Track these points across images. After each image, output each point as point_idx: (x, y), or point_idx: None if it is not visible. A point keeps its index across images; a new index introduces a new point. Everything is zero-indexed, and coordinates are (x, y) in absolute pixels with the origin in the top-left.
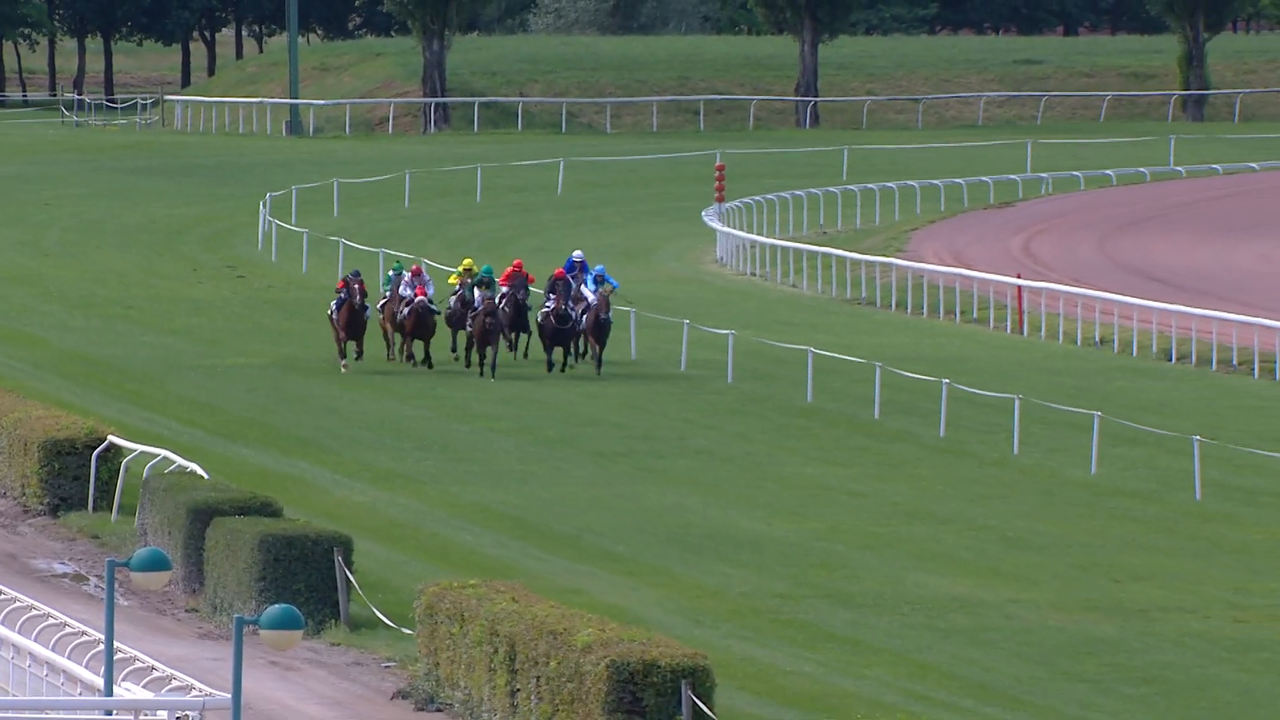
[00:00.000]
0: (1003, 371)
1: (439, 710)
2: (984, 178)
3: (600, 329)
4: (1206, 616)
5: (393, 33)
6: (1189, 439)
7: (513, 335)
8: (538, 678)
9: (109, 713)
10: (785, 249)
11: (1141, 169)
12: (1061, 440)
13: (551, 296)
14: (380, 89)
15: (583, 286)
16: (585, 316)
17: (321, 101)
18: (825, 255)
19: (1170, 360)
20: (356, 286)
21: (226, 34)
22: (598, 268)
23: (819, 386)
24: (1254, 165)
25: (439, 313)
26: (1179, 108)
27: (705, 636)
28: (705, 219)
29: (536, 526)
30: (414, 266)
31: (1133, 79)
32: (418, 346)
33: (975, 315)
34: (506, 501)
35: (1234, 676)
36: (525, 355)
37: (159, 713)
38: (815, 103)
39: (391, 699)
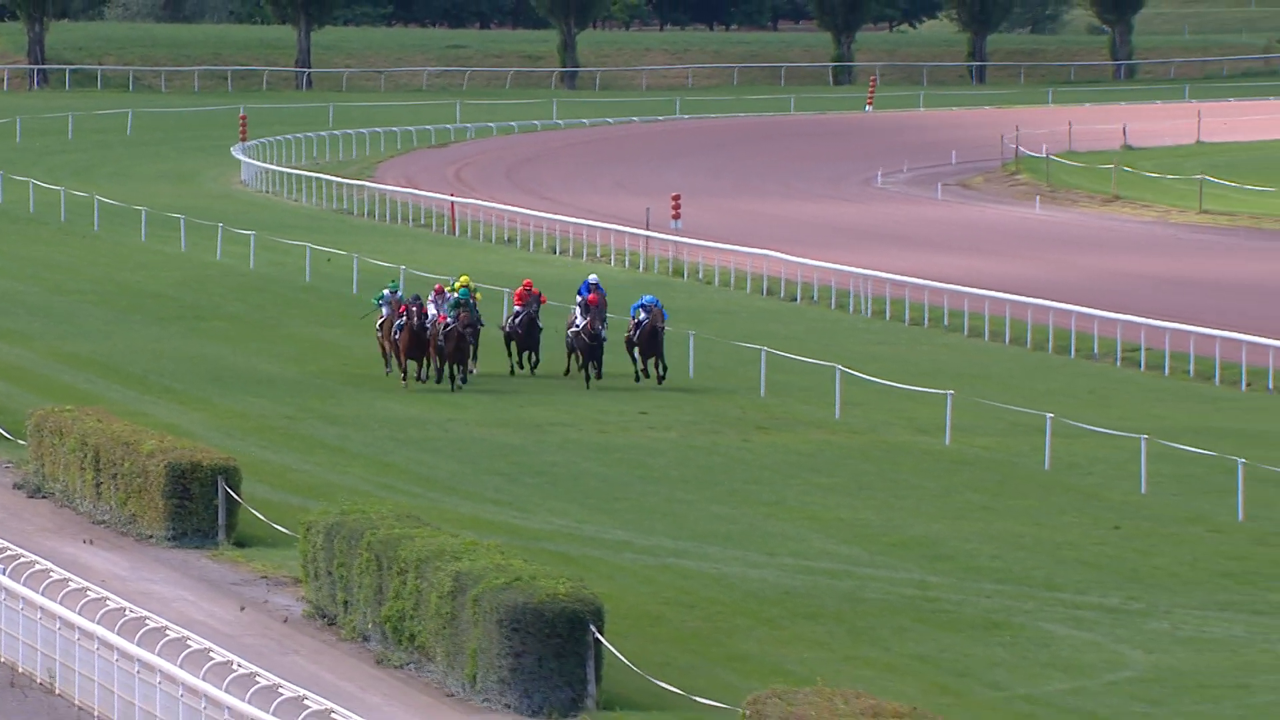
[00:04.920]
0: (439, 259)
1: (44, 497)
2: (427, 126)
3: (654, 343)
4: (580, 429)
5: (5, 19)
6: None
7: (525, 354)
8: (115, 474)
9: None
10: (290, 174)
11: (534, 122)
12: (483, 307)
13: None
14: None
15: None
16: (640, 331)
17: None
18: (318, 179)
19: (555, 252)
20: (416, 310)
21: None
22: (648, 297)
23: (315, 271)
24: (610, 120)
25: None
26: (559, 80)
27: (235, 446)
28: (234, 153)
29: (116, 369)
30: (436, 286)
31: (528, 59)
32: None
33: (423, 222)
34: (95, 351)
35: (599, 470)
36: (533, 371)
37: None
38: (309, 73)
39: (13, 489)
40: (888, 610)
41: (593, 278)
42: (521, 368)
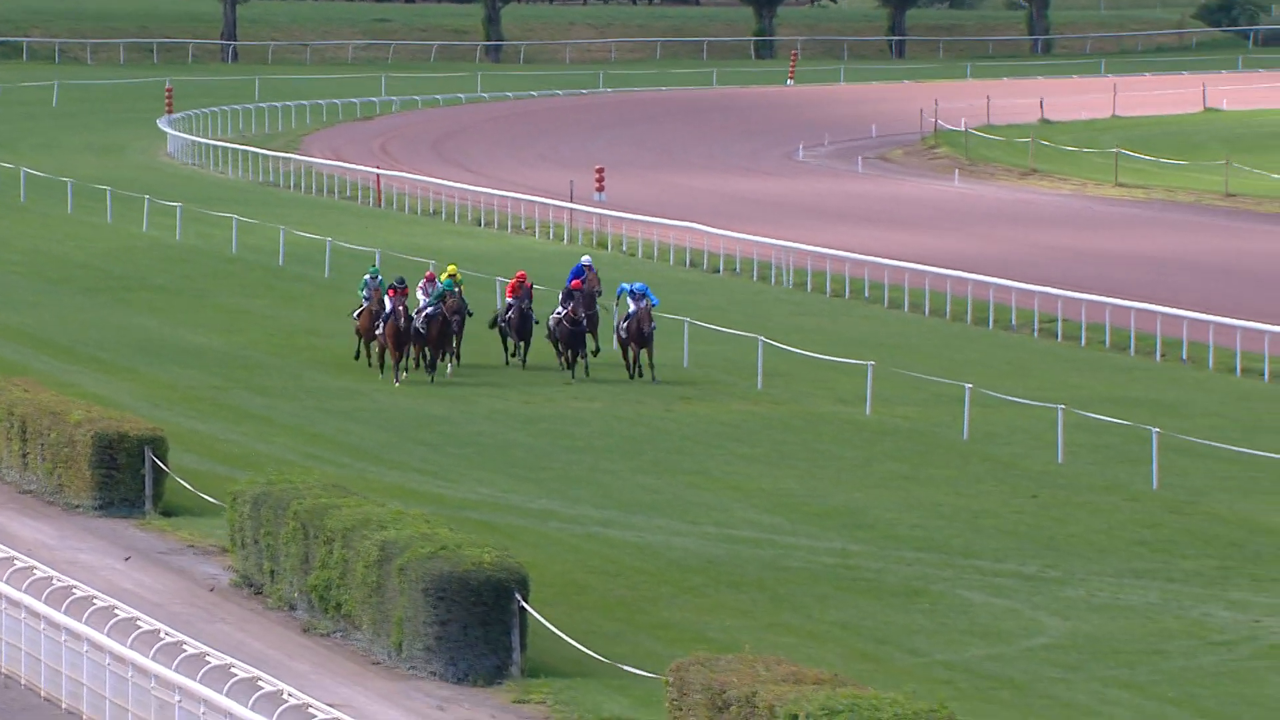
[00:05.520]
0: (365, 232)
1: None
2: (353, 99)
3: (643, 339)
4: (506, 400)
5: None
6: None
7: (519, 344)
8: (42, 444)
9: None
10: (216, 147)
11: (459, 95)
12: (409, 280)
13: (564, 304)
14: None
15: (627, 297)
16: (627, 325)
17: None
18: (244, 152)
19: (480, 225)
20: (402, 310)
21: None
22: (638, 284)
23: (242, 243)
24: (534, 93)
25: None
26: (484, 54)
27: (163, 416)
28: (160, 125)
29: (43, 339)
30: (428, 273)
31: (453, 33)
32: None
33: (349, 194)
34: (22, 322)
35: (524, 439)
36: (524, 364)
37: None
38: (235, 46)
39: None
40: (809, 578)
41: (586, 259)
42: (515, 356)
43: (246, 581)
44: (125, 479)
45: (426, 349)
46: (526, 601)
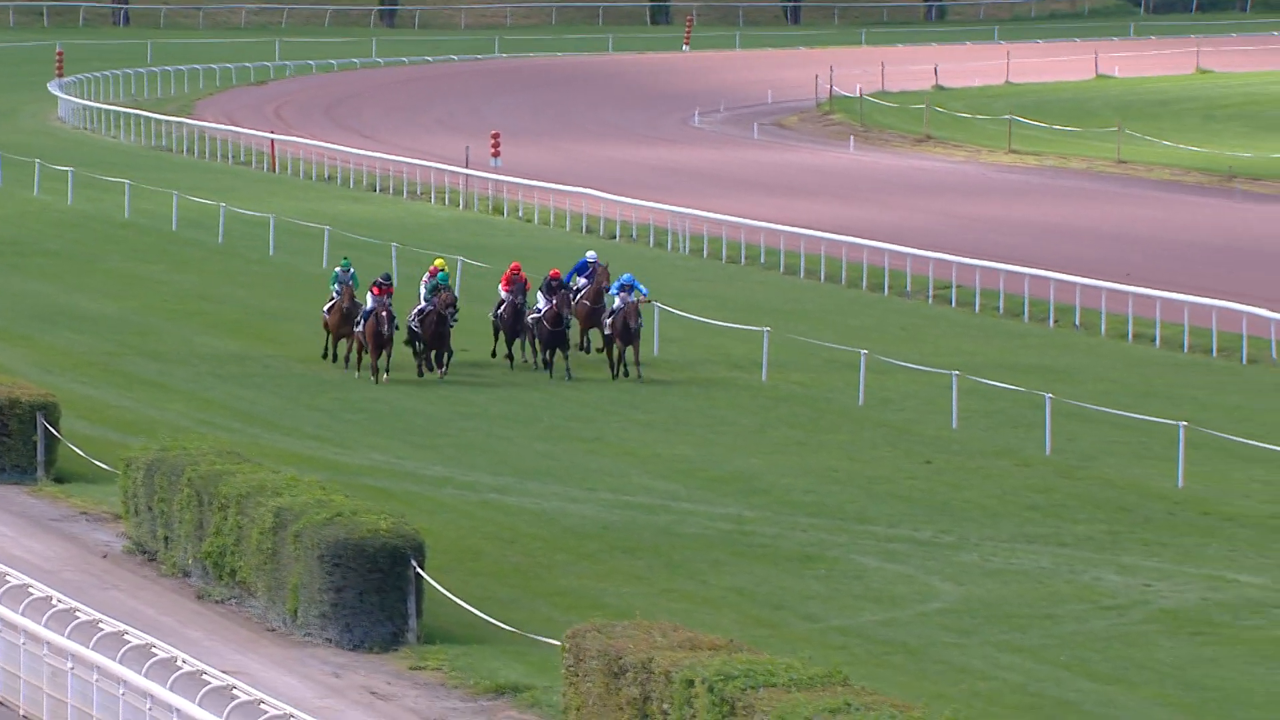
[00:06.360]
0: (259, 196)
1: None
2: (246, 64)
3: (629, 335)
4: (401, 368)
5: None
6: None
7: (510, 342)
8: None
9: None
10: (108, 111)
11: (354, 60)
12: (304, 245)
13: (548, 299)
14: None
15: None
16: (612, 321)
17: None
18: (137, 116)
19: (375, 190)
20: (385, 316)
21: None
22: (625, 276)
23: (135, 208)
24: (429, 58)
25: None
26: (378, 18)
27: (55, 381)
28: (50, 89)
29: None
30: (431, 268)
31: None
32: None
33: (243, 159)
34: None
35: (420, 406)
36: (516, 360)
37: None
38: (127, 9)
39: None
40: (705, 544)
41: (591, 254)
42: (511, 356)
43: (140, 548)
44: (17, 445)
45: (417, 345)
46: (422, 568)
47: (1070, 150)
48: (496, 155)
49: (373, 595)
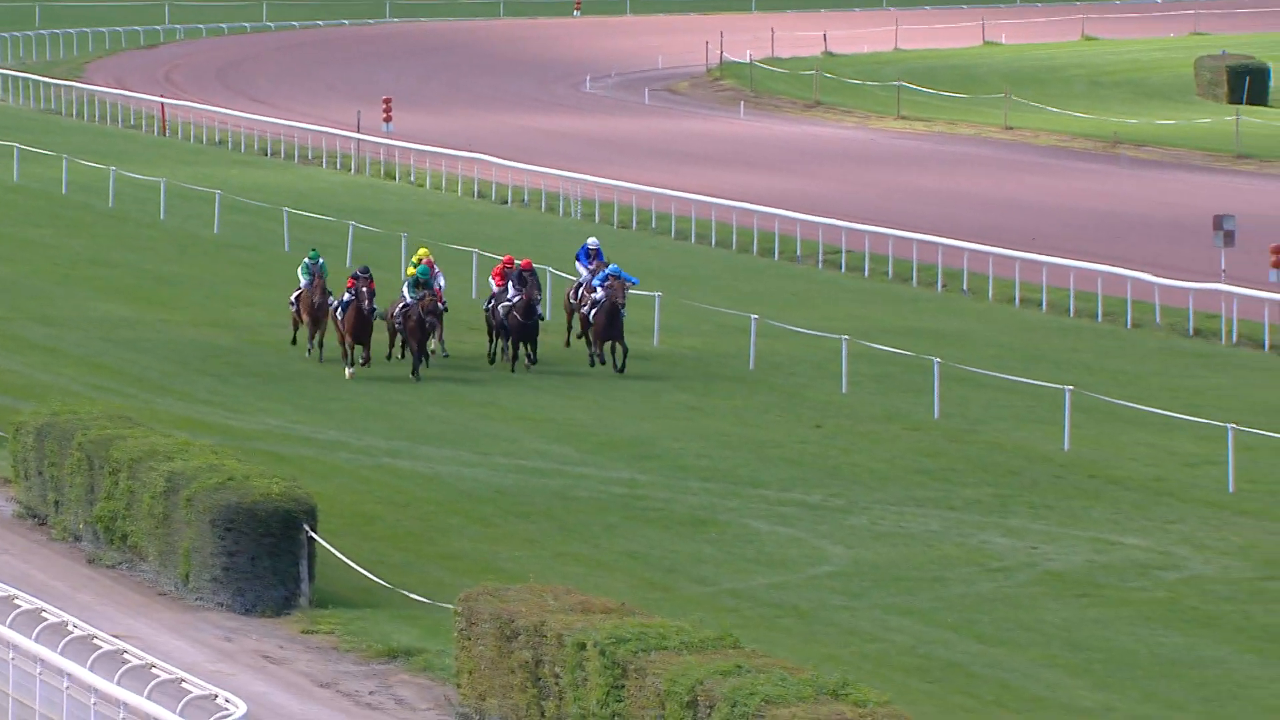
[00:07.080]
0: (150, 161)
1: None
2: (136, 27)
3: (614, 331)
4: (282, 327)
5: None
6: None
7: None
8: None
9: None
10: None
11: (244, 24)
12: (195, 209)
13: (517, 290)
14: None
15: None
16: (595, 313)
17: None
18: (25, 79)
19: (266, 155)
20: (365, 290)
21: None
22: (611, 267)
23: (24, 172)
24: (320, 22)
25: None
26: None
27: None
28: None
29: None
30: (427, 259)
31: None
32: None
33: (134, 123)
34: None
35: (312, 370)
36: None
37: None
38: None
39: None
40: (597, 508)
41: (592, 241)
42: (506, 353)
43: (30, 513)
44: None
45: (400, 336)
46: (315, 532)
47: (958, 117)
48: (388, 120)
49: (265, 559)
